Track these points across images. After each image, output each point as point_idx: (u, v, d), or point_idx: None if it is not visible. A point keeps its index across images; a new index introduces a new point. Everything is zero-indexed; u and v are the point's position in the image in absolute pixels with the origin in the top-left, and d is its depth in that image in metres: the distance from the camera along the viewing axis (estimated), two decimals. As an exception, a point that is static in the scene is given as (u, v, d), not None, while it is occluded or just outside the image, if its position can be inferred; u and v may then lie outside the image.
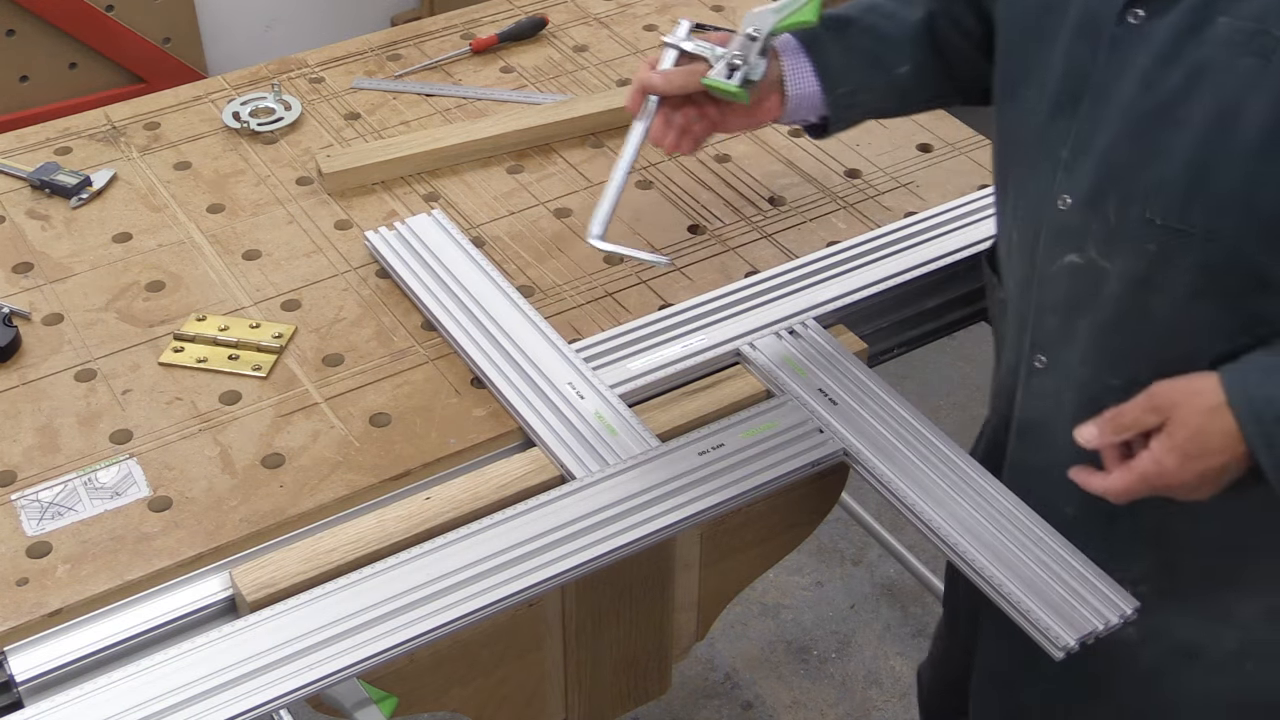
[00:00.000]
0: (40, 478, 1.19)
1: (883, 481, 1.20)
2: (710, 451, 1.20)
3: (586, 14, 1.84)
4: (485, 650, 1.24)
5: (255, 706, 1.01)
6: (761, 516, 1.34)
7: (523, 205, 1.51)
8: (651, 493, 1.16)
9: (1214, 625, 1.22)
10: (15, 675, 1.06)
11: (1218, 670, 1.24)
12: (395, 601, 1.07)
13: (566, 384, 1.25)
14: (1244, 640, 1.22)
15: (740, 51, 1.21)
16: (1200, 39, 1.00)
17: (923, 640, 2.30)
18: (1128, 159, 1.05)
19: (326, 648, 1.04)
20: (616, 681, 1.36)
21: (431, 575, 1.09)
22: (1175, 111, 1.02)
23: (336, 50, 1.77)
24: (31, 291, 1.39)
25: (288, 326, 1.34)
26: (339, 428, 1.24)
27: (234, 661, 1.03)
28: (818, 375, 1.28)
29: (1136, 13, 1.03)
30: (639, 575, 1.30)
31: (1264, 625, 1.21)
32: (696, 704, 2.20)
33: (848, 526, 2.45)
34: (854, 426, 1.23)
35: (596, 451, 1.19)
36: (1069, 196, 1.10)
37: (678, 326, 1.33)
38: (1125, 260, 1.08)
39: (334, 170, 1.51)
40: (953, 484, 1.20)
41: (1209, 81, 1.00)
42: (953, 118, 1.63)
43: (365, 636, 1.05)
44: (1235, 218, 1.01)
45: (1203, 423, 1.02)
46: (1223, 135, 1.00)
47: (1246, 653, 1.23)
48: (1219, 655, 1.23)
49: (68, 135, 1.60)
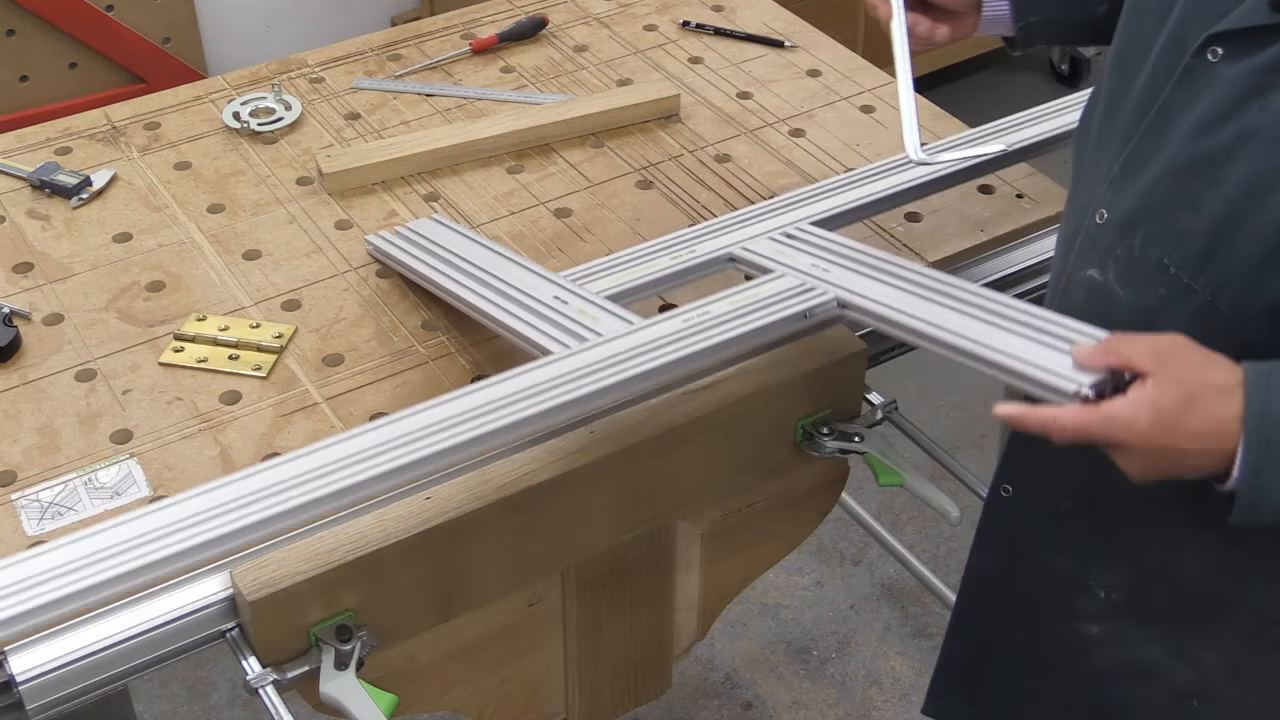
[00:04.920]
0: (40, 478, 1.19)
1: (882, 317, 1.16)
2: (697, 317, 1.18)
3: (586, 14, 1.84)
4: (485, 650, 1.24)
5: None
6: (761, 516, 1.34)
7: (523, 205, 1.51)
8: (644, 347, 1.15)
9: (1172, 657, 1.20)
10: (15, 675, 1.06)
11: (1166, 695, 1.22)
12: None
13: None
14: (1198, 682, 1.20)
15: None
16: (1261, 102, 0.97)
17: (923, 640, 2.30)
18: (1163, 199, 1.03)
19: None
20: (616, 681, 1.37)
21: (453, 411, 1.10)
22: (1216, 169, 0.99)
23: (336, 50, 1.77)
24: (31, 291, 1.39)
25: (288, 326, 1.34)
26: (339, 428, 1.24)
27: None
28: (815, 259, 1.27)
29: (1216, 50, 0.99)
30: (639, 575, 1.30)
31: (1221, 676, 1.19)
32: (696, 704, 2.20)
33: (848, 526, 2.45)
34: (850, 281, 1.21)
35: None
36: (1106, 212, 1.08)
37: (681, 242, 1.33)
38: (1137, 293, 1.06)
39: (334, 170, 1.51)
40: (957, 305, 1.15)
41: (1253, 149, 0.97)
42: (953, 118, 1.63)
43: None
44: (1242, 292, 0.99)
45: (1202, 396, 0.95)
46: (1252, 207, 0.97)
47: (1198, 693, 1.20)
48: (1170, 684, 1.21)
49: (68, 135, 1.60)
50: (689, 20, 1.81)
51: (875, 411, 1.32)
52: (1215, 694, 1.19)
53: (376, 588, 1.13)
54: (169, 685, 2.21)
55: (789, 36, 1.78)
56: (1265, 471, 0.94)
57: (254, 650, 1.11)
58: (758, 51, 1.76)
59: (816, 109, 1.65)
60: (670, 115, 1.64)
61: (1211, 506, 1.04)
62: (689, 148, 1.59)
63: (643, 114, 1.63)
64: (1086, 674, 1.27)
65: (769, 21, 1.82)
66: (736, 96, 1.68)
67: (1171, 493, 1.09)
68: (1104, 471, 1.13)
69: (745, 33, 1.79)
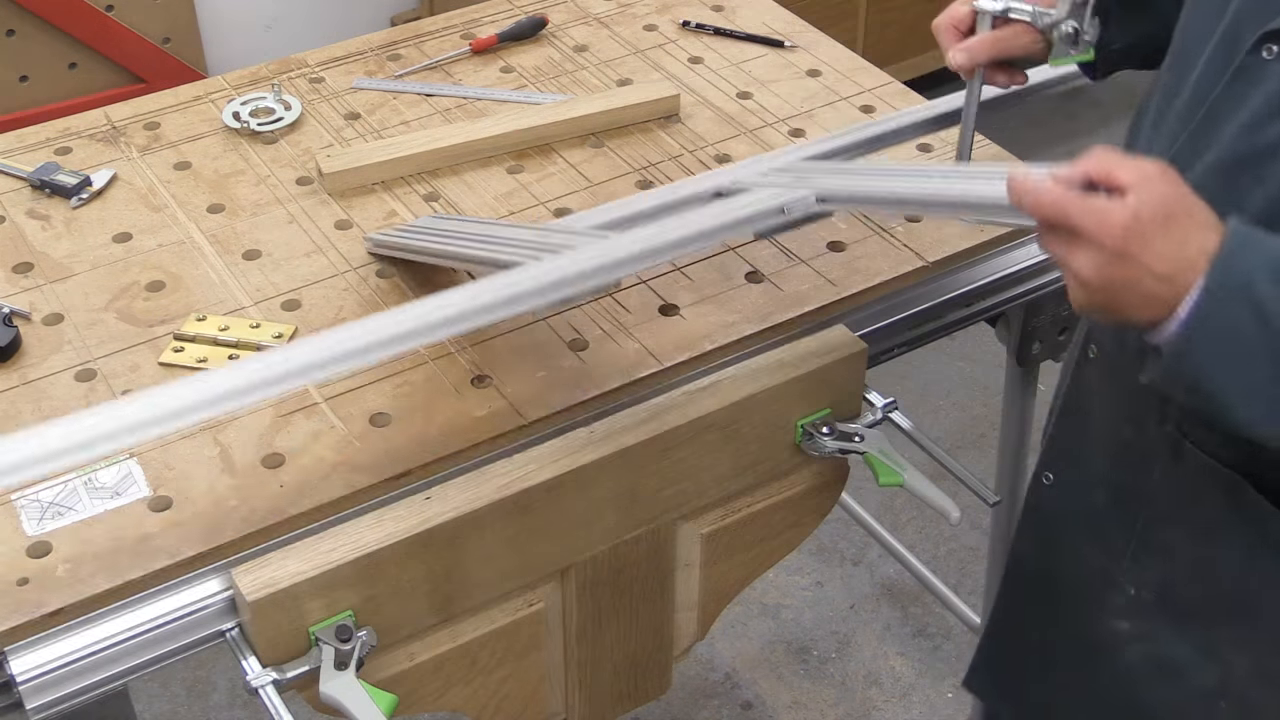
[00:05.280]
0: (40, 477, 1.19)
1: (858, 197, 1.16)
2: (675, 222, 1.15)
3: (586, 14, 1.84)
4: (485, 650, 1.25)
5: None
6: (761, 516, 1.34)
7: (523, 205, 1.51)
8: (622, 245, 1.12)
9: (1201, 657, 1.20)
10: (15, 675, 1.06)
11: (1193, 695, 1.22)
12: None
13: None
14: (1225, 682, 1.20)
15: (1071, 16, 1.20)
16: None
17: (923, 640, 2.31)
18: (1210, 195, 1.00)
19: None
20: (616, 681, 1.37)
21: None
22: (1263, 166, 0.98)
23: (336, 50, 1.77)
24: (31, 291, 1.39)
25: (288, 326, 1.34)
26: (339, 428, 1.24)
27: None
28: (798, 175, 1.26)
29: (1271, 48, 0.98)
30: (639, 575, 1.30)
31: (1249, 678, 1.19)
32: (696, 704, 2.20)
33: (848, 526, 2.45)
34: (827, 182, 1.20)
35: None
36: None
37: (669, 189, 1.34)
38: None
39: (334, 170, 1.51)
40: (933, 175, 1.14)
41: None
42: (953, 118, 1.63)
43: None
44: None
45: (1181, 221, 0.90)
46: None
47: (1225, 694, 1.20)
48: (1197, 684, 1.21)
49: (68, 135, 1.60)
50: (689, 20, 1.81)
51: (875, 411, 1.32)
52: (1243, 697, 1.19)
53: (376, 588, 1.13)
54: (169, 685, 2.21)
55: (789, 36, 1.78)
56: (1204, 329, 0.90)
57: (254, 650, 1.11)
58: (758, 51, 1.76)
59: (816, 109, 1.65)
60: (670, 115, 1.64)
61: (1244, 503, 1.05)
62: (689, 148, 1.59)
63: (643, 114, 1.63)
64: (1114, 670, 1.27)
65: (769, 21, 1.82)
66: (736, 96, 1.68)
67: (1203, 490, 1.09)
68: (1140, 470, 1.14)
69: (745, 33, 1.79)
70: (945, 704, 2.22)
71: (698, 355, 1.31)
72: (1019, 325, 1.55)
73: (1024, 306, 1.52)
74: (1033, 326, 1.55)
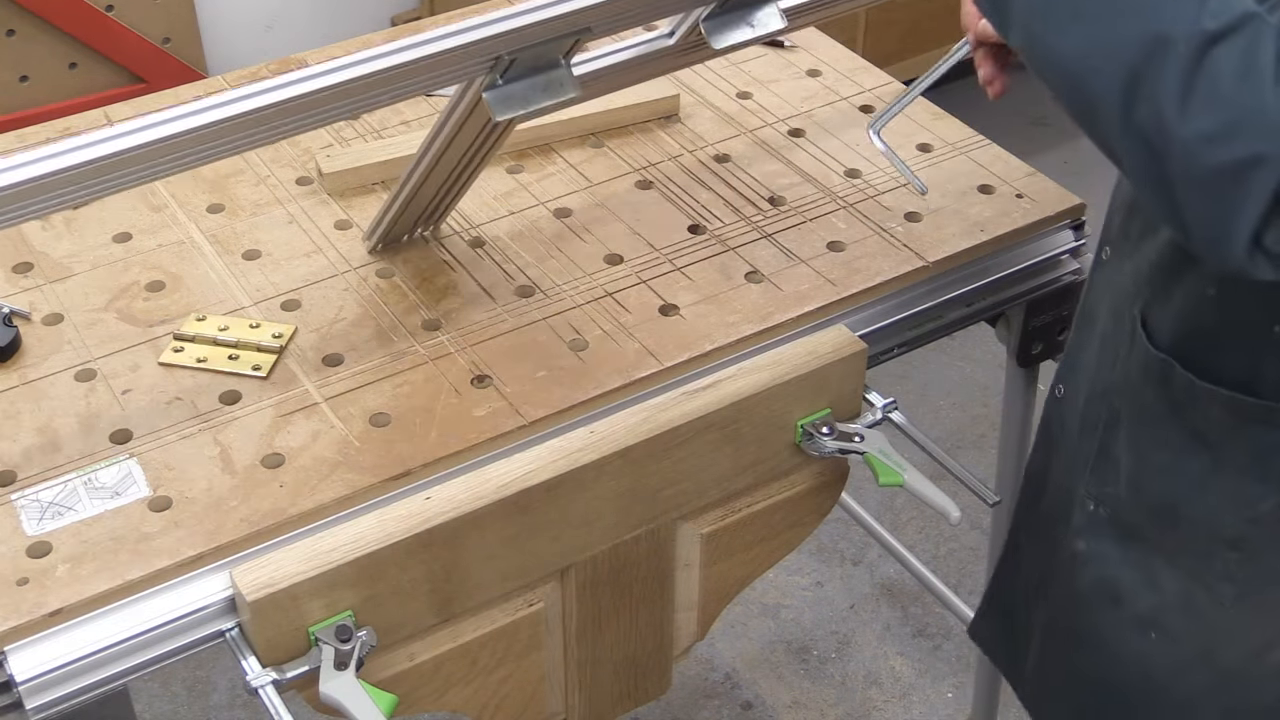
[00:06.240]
0: (40, 478, 1.19)
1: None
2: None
3: (586, 14, 1.83)
4: (485, 650, 1.25)
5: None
6: (761, 516, 1.34)
7: (523, 205, 1.51)
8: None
9: (1139, 578, 1.22)
10: (15, 675, 1.06)
11: (1130, 624, 1.24)
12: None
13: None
14: (1158, 610, 1.22)
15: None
16: None
17: (923, 640, 2.31)
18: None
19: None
20: (616, 681, 1.37)
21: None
22: None
23: (336, 50, 1.76)
24: (31, 291, 1.39)
25: (288, 326, 1.34)
26: (339, 428, 1.24)
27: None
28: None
29: None
30: (639, 575, 1.30)
31: (1177, 607, 1.20)
32: (696, 704, 2.20)
33: (848, 526, 2.45)
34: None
35: None
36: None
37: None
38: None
39: (334, 170, 1.51)
40: None
41: None
42: (953, 118, 1.63)
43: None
44: None
45: None
46: None
47: (1155, 624, 1.22)
48: (1134, 612, 1.23)
49: (68, 135, 1.60)
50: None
51: (875, 411, 1.33)
52: (1170, 627, 1.21)
53: (376, 588, 1.13)
54: (169, 685, 2.21)
55: (789, 36, 1.78)
56: None
57: (254, 650, 1.11)
58: (758, 51, 1.76)
59: (816, 109, 1.65)
60: (670, 115, 1.64)
61: (1174, 392, 1.09)
62: (689, 148, 1.59)
63: (642, 114, 1.63)
64: (1069, 594, 1.29)
65: (769, 21, 1.82)
66: (736, 96, 1.68)
67: (1144, 383, 1.13)
68: (1110, 370, 1.14)
69: (745, 33, 1.78)
70: (945, 704, 2.22)
71: (698, 355, 1.31)
72: (1019, 325, 1.55)
73: (1024, 306, 1.52)
74: (1033, 326, 1.55)
